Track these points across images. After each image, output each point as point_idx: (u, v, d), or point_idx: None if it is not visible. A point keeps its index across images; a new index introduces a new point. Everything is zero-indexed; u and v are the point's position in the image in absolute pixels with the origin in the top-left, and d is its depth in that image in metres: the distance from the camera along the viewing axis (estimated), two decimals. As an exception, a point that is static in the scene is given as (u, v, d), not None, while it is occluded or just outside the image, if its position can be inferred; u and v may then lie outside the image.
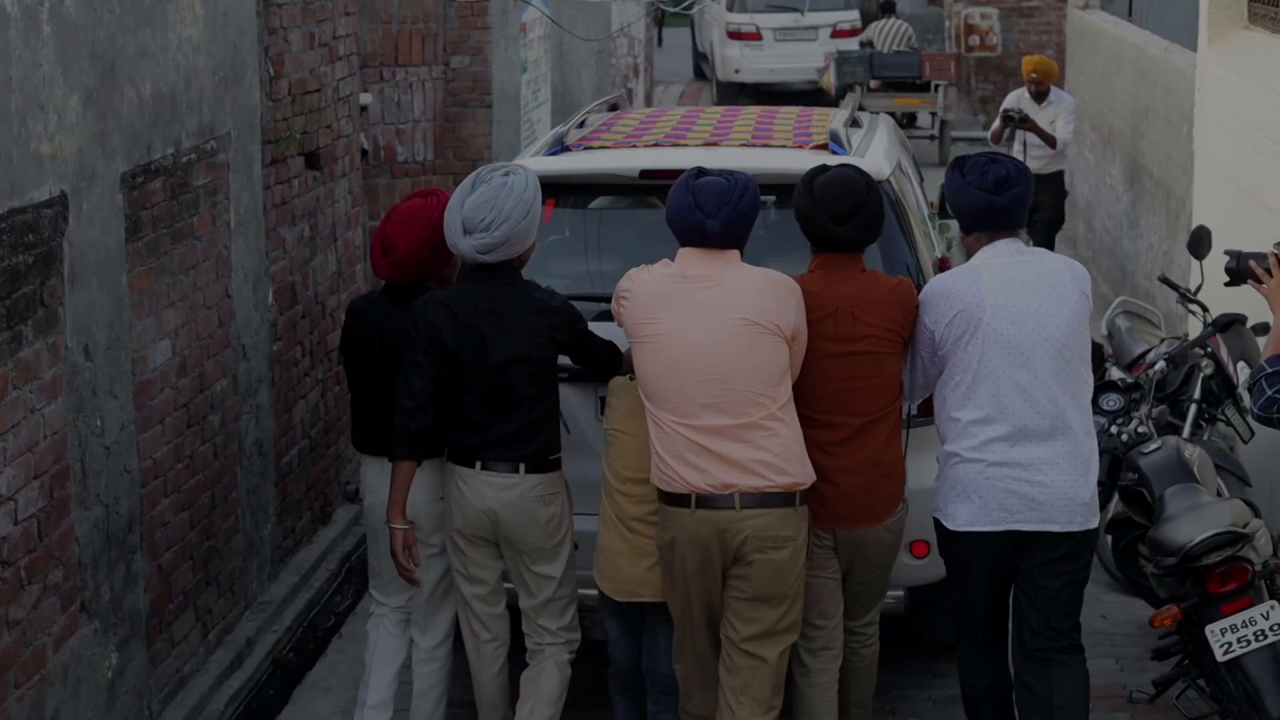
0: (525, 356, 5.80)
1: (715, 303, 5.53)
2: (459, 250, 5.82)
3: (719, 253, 5.60)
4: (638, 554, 5.82)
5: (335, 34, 8.66)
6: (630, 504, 5.81)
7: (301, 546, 8.29)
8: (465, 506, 5.91)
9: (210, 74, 6.99)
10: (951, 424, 5.64)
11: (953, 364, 5.60)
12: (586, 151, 7.06)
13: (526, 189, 5.81)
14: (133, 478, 6.29)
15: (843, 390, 5.64)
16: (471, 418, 5.85)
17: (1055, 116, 13.00)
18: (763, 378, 5.49)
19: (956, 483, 5.61)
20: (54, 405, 5.63)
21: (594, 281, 6.64)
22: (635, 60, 21.50)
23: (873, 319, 5.64)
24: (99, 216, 5.95)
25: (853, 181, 5.71)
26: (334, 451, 8.80)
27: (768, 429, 5.49)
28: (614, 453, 5.86)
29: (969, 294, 5.58)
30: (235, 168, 7.29)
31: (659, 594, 5.80)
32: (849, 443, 5.64)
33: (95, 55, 5.90)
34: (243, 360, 7.42)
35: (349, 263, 9.03)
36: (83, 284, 5.84)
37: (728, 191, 5.58)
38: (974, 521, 5.58)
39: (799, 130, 7.43)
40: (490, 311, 5.79)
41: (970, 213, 5.69)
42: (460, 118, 12.52)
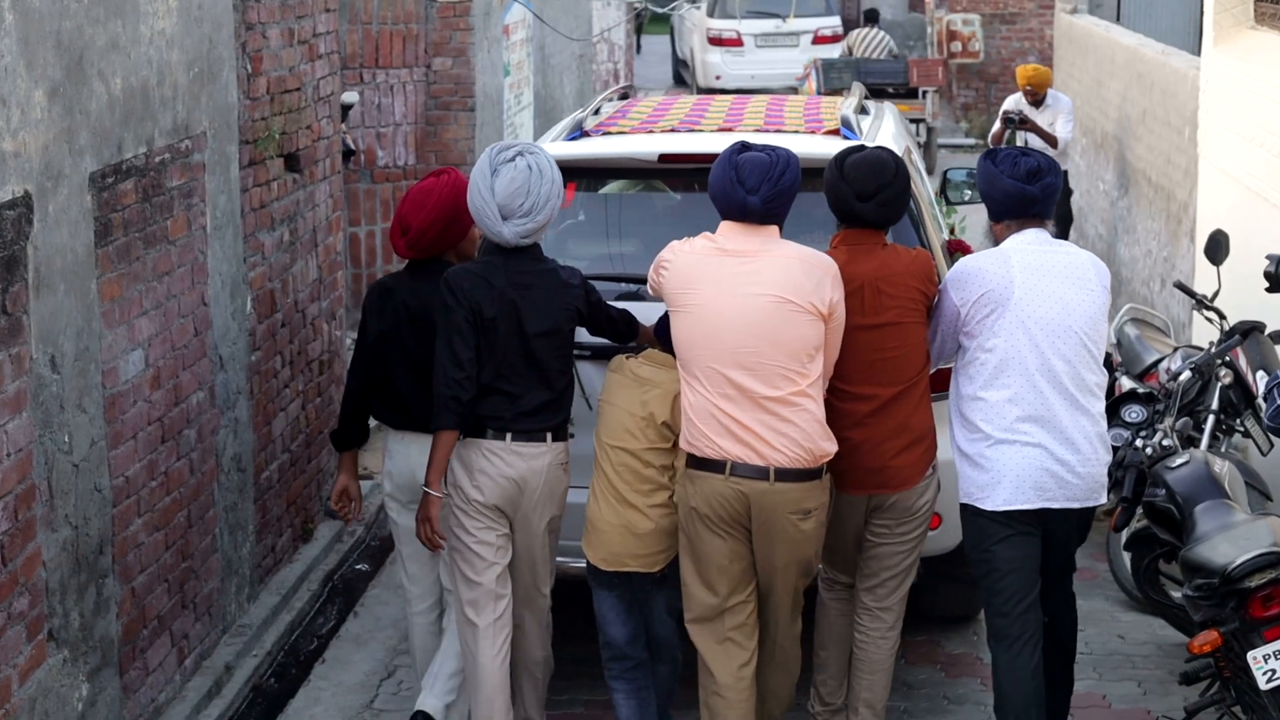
0: (556, 328, 5.91)
1: (751, 278, 5.65)
2: (501, 237, 5.85)
3: (759, 228, 5.72)
4: (626, 525, 5.89)
5: (315, 31, 8.31)
6: (617, 475, 5.90)
7: (282, 565, 7.93)
8: (494, 478, 5.87)
9: (185, 69, 6.63)
10: (977, 404, 5.73)
11: (978, 343, 5.72)
12: (605, 137, 7.18)
13: (553, 169, 5.90)
14: (104, 497, 5.93)
15: (872, 362, 5.80)
16: (503, 388, 5.88)
17: (1054, 118, 12.82)
18: (793, 354, 5.62)
19: (990, 464, 5.69)
20: (18, 420, 5.27)
21: (613, 263, 6.83)
22: (616, 66, 21.17)
23: (896, 291, 5.82)
24: (66, 219, 5.59)
25: (882, 162, 5.87)
26: (315, 466, 8.44)
27: (796, 404, 5.62)
28: (602, 424, 5.98)
29: (998, 275, 5.71)
30: (211, 169, 6.93)
31: (647, 564, 5.91)
32: (880, 412, 5.82)
33: (62, 46, 5.55)
34: (220, 371, 7.06)
35: (330, 269, 8.67)
36: (49, 291, 5.48)
37: (769, 167, 5.68)
38: (1011, 501, 5.68)
39: (809, 116, 7.55)
40: (520, 285, 5.88)
41: (1002, 201, 5.82)
42: (442, 121, 12.19)
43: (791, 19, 23.62)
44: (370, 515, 8.87)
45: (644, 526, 5.90)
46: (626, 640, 6.09)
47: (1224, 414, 7.54)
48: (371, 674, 7.09)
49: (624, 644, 6.09)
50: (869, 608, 6.03)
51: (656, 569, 5.97)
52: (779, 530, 5.67)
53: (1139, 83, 12.50)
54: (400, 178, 11.98)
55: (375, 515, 8.91)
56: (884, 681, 6.07)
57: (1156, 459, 6.48)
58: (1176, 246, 11.00)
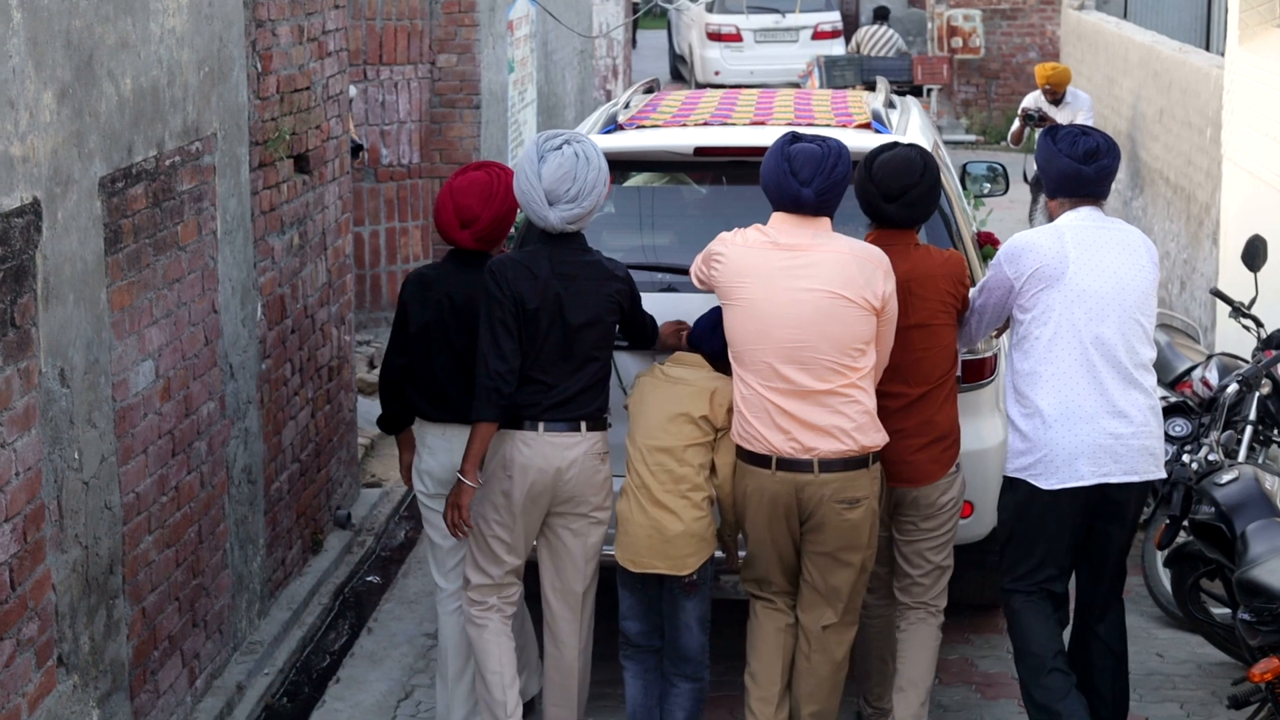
0: (597, 319, 5.90)
1: (804, 273, 5.66)
2: (547, 222, 5.87)
3: (811, 220, 5.72)
4: (656, 527, 5.84)
5: (325, 28, 8.07)
6: (651, 475, 5.85)
7: (292, 579, 7.70)
8: (529, 469, 5.87)
9: (195, 69, 6.39)
10: (1031, 379, 5.75)
11: (1032, 316, 5.76)
12: (639, 130, 7.17)
13: (599, 157, 5.93)
14: (114, 515, 5.69)
15: (901, 362, 5.84)
16: (540, 378, 5.88)
17: (1074, 115, 12.61)
18: (844, 348, 5.64)
19: (1045, 441, 5.71)
20: (27, 438, 5.04)
21: (645, 254, 6.86)
22: (614, 61, 20.92)
23: (926, 293, 5.88)
24: (75, 226, 5.36)
25: (910, 162, 5.90)
26: (324, 475, 8.21)
27: (847, 396, 5.66)
28: (636, 425, 5.95)
29: (1052, 250, 5.76)
30: (222, 171, 6.69)
31: (675, 566, 5.86)
32: (906, 410, 5.88)
33: (71, 46, 5.31)
34: (230, 380, 6.82)
35: (339, 272, 8.44)
36: (58, 301, 5.24)
37: (822, 159, 5.70)
38: (1067, 479, 5.70)
39: (838, 110, 7.55)
40: (564, 275, 5.89)
41: (1059, 179, 5.88)
42: (447, 119, 11.95)
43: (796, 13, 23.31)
44: (380, 525, 8.64)
45: (674, 528, 5.84)
46: (640, 633, 6.12)
47: (1261, 425, 7.32)
48: (389, 694, 6.85)
49: (639, 635, 6.12)
50: (911, 605, 6.07)
51: (685, 572, 5.89)
52: (827, 520, 5.70)
53: (1155, 81, 12.28)
54: (404, 176, 11.74)
55: (384, 525, 8.68)
56: (930, 660, 6.08)
57: (1203, 474, 6.27)
58: (1197, 249, 10.79)
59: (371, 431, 9.73)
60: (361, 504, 8.77)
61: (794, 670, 5.95)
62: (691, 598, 5.96)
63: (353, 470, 8.81)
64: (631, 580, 6.02)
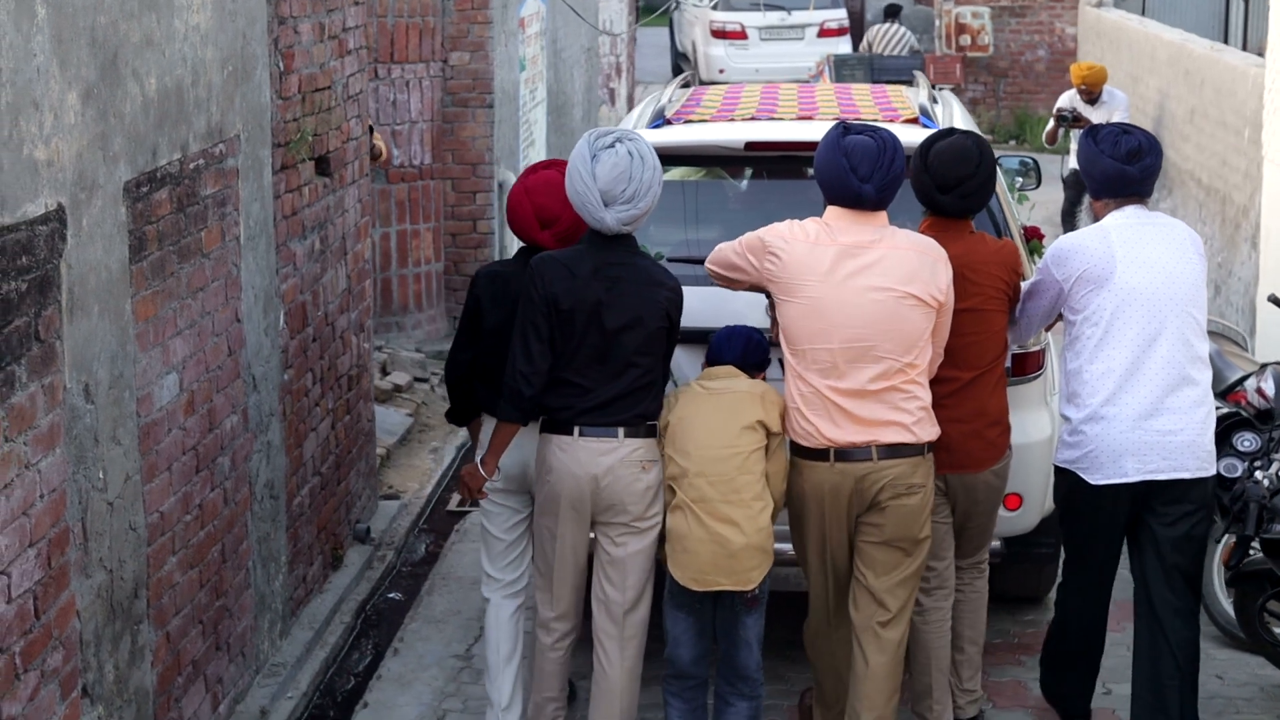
0: (638, 323, 5.75)
1: (871, 272, 5.63)
2: (603, 224, 5.73)
3: (870, 215, 5.70)
4: (717, 541, 5.64)
5: (345, 25, 7.80)
6: (710, 487, 5.67)
7: (313, 596, 7.42)
8: (565, 475, 5.78)
9: (219, 68, 6.12)
10: (1081, 377, 5.79)
11: (1083, 317, 5.79)
12: (687, 125, 7.18)
13: (653, 156, 5.80)
14: (138, 536, 5.42)
15: (953, 347, 5.84)
16: (575, 380, 5.77)
17: (1110, 115, 12.37)
18: (907, 346, 5.64)
19: (1092, 438, 5.75)
20: (52, 458, 4.76)
21: (689, 248, 6.78)
22: (618, 59, 20.66)
23: (980, 279, 5.88)
24: (100, 233, 5.08)
25: (967, 152, 5.90)
26: (344, 488, 7.93)
27: (907, 392, 5.66)
28: (687, 439, 5.73)
29: (1099, 252, 5.78)
30: (245, 174, 6.42)
31: (740, 582, 5.67)
32: (958, 395, 5.89)
33: (96, 44, 5.03)
34: (253, 392, 6.55)
35: (359, 278, 8.16)
36: (82, 313, 4.97)
37: (879, 154, 5.66)
38: (1111, 475, 5.74)
39: (881, 104, 7.56)
40: (608, 276, 5.75)
41: (1102, 180, 5.88)
42: (459, 118, 11.69)
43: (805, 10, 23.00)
44: (399, 539, 8.37)
45: (738, 541, 5.64)
46: (692, 660, 5.89)
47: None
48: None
49: (689, 664, 5.89)
50: (960, 567, 6.16)
51: (750, 587, 5.69)
52: (885, 507, 5.69)
53: (1186, 80, 12.03)
54: (416, 178, 11.46)
55: (404, 539, 8.41)
56: (982, 617, 6.25)
57: (1276, 490, 6.01)
58: (1234, 252, 10.53)
59: (388, 441, 9.47)
60: (380, 517, 8.50)
61: (852, 678, 5.83)
62: (752, 613, 5.79)
63: (371, 482, 8.54)
64: (688, 601, 5.78)
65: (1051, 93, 21.71)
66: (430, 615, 7.49)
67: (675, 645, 5.85)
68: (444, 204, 11.70)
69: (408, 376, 10.56)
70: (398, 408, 10.08)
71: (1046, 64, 21.86)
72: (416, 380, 10.66)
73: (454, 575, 7.95)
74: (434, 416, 10.23)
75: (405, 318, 11.48)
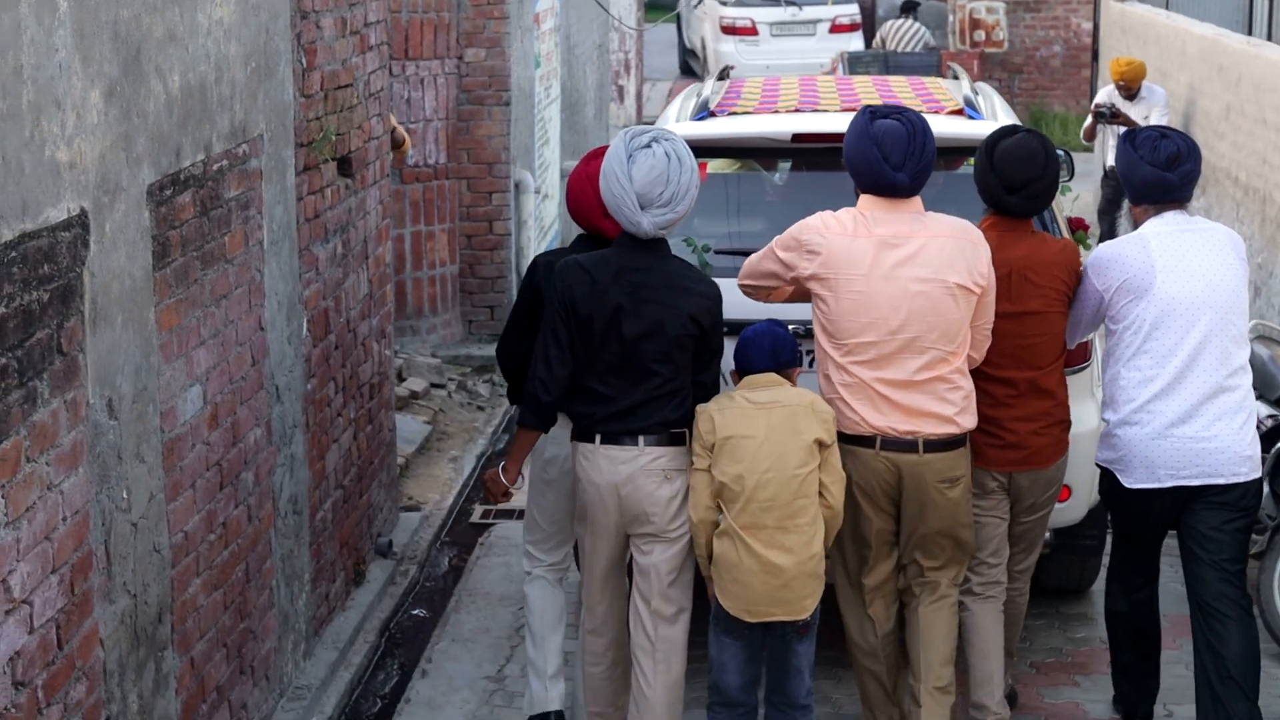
0: (659, 331, 5.56)
1: (911, 262, 5.59)
2: (639, 228, 5.55)
3: (905, 202, 5.67)
4: (769, 570, 5.42)
5: (366, 20, 7.52)
6: (763, 511, 5.43)
7: (335, 614, 7.14)
8: (588, 484, 5.65)
9: (242, 64, 5.84)
10: (1119, 382, 5.79)
11: (1124, 325, 5.77)
12: (732, 117, 7.18)
13: (690, 157, 5.62)
14: (163, 558, 5.14)
15: (1016, 347, 5.85)
16: (595, 388, 5.62)
17: (1149, 111, 12.13)
18: (950, 335, 5.61)
19: (1125, 442, 5.77)
20: (75, 477, 4.49)
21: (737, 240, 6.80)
22: (627, 56, 20.39)
23: (1042, 280, 5.86)
24: (124, 239, 4.80)
25: (1034, 153, 5.84)
26: (366, 500, 7.65)
27: (951, 382, 5.65)
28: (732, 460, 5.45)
29: (1138, 260, 5.73)
30: (268, 176, 6.14)
31: (794, 611, 5.45)
32: (1022, 395, 5.88)
33: (119, 39, 4.75)
34: (276, 404, 6.27)
35: (380, 282, 7.88)
36: (106, 324, 4.69)
37: (910, 140, 5.60)
38: (1146, 479, 5.75)
39: (922, 95, 7.58)
40: (631, 282, 5.58)
41: (1141, 186, 5.83)
42: (475, 116, 11.40)
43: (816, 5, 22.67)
44: (422, 553, 8.09)
45: (791, 570, 5.43)
46: (740, 687, 5.64)
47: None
48: (454, 745, 6.32)
49: (737, 691, 5.64)
50: (1008, 573, 6.09)
51: (804, 616, 5.44)
52: (928, 499, 5.68)
53: (1220, 76, 11.75)
54: (430, 177, 11.18)
55: (426, 553, 8.13)
56: (1018, 629, 6.22)
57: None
58: (1275, 252, 10.25)
59: (406, 450, 9.19)
60: (402, 530, 8.22)
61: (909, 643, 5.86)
62: (804, 640, 5.57)
63: (393, 494, 8.26)
64: (736, 628, 5.53)
65: (1067, 89, 21.47)
66: (458, 634, 7.21)
67: (722, 671, 5.61)
68: (459, 204, 11.42)
69: (424, 383, 10.28)
70: (415, 415, 9.80)
71: (1062, 60, 21.58)
72: (433, 386, 10.38)
73: (481, 591, 7.67)
74: (452, 424, 9.96)
75: (420, 321, 11.20)
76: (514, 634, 7.16)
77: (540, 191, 12.44)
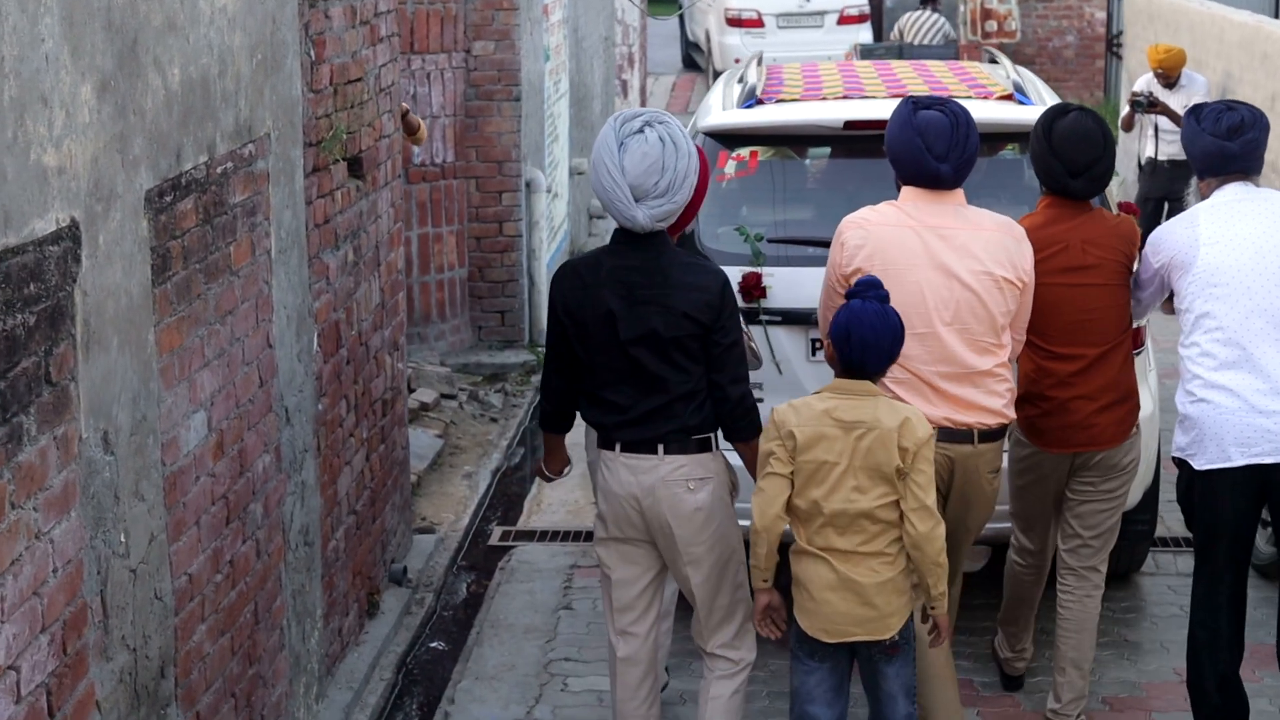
0: (652, 336, 5.15)
1: (958, 255, 5.51)
2: (634, 221, 5.13)
3: (947, 194, 5.58)
4: (849, 586, 4.97)
5: (377, 9, 7.00)
6: (839, 535, 4.98)
7: (349, 650, 6.63)
8: (609, 494, 5.31)
9: (248, 56, 5.32)
10: (1185, 364, 5.60)
11: (1179, 303, 5.65)
12: (780, 104, 7.11)
13: (687, 141, 5.20)
14: (165, 605, 4.63)
15: (1078, 322, 5.81)
16: (607, 397, 5.26)
17: (1188, 100, 11.63)
18: (996, 328, 5.55)
19: (1196, 422, 5.53)
20: (66, 523, 3.97)
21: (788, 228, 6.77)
22: (630, 50, 19.86)
23: (1102, 251, 5.82)
24: (119, 252, 4.28)
25: (1091, 134, 5.78)
26: (379, 525, 7.14)
27: (998, 375, 5.58)
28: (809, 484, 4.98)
29: (1183, 238, 5.62)
30: (275, 178, 5.62)
31: (877, 630, 5.00)
32: (1086, 372, 5.82)
33: (112, 28, 4.24)
34: (286, 427, 5.75)
35: (391, 290, 7.36)
36: (100, 348, 4.17)
37: (953, 130, 5.51)
38: (1215, 460, 5.50)
39: (967, 81, 7.49)
40: (624, 282, 5.18)
41: (1202, 158, 5.70)
42: (483, 112, 10.87)
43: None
44: (438, 579, 7.57)
45: (872, 585, 4.97)
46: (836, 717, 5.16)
47: None
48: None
49: None
50: (1073, 568, 6.01)
51: (888, 635, 5.00)
52: (976, 490, 5.65)
53: (1264, 64, 11.26)
54: (438, 177, 10.65)
55: (443, 579, 7.61)
56: (1090, 641, 6.01)
57: None
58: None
59: (418, 466, 8.68)
60: (416, 554, 7.70)
61: None
62: (894, 662, 5.06)
63: (406, 516, 7.74)
64: (818, 650, 5.07)
65: (1080, 80, 20.98)
66: (481, 671, 6.69)
67: (807, 702, 5.10)
68: (468, 205, 10.90)
69: (434, 393, 9.75)
70: (426, 428, 9.28)
71: (1076, 50, 21.11)
72: (444, 397, 9.85)
73: (504, 623, 7.14)
74: (465, 437, 9.45)
75: (428, 328, 10.67)
76: (542, 670, 6.64)
77: (551, 190, 11.92)
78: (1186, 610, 6.93)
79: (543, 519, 8.37)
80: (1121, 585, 7.31)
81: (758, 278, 6.58)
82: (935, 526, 4.95)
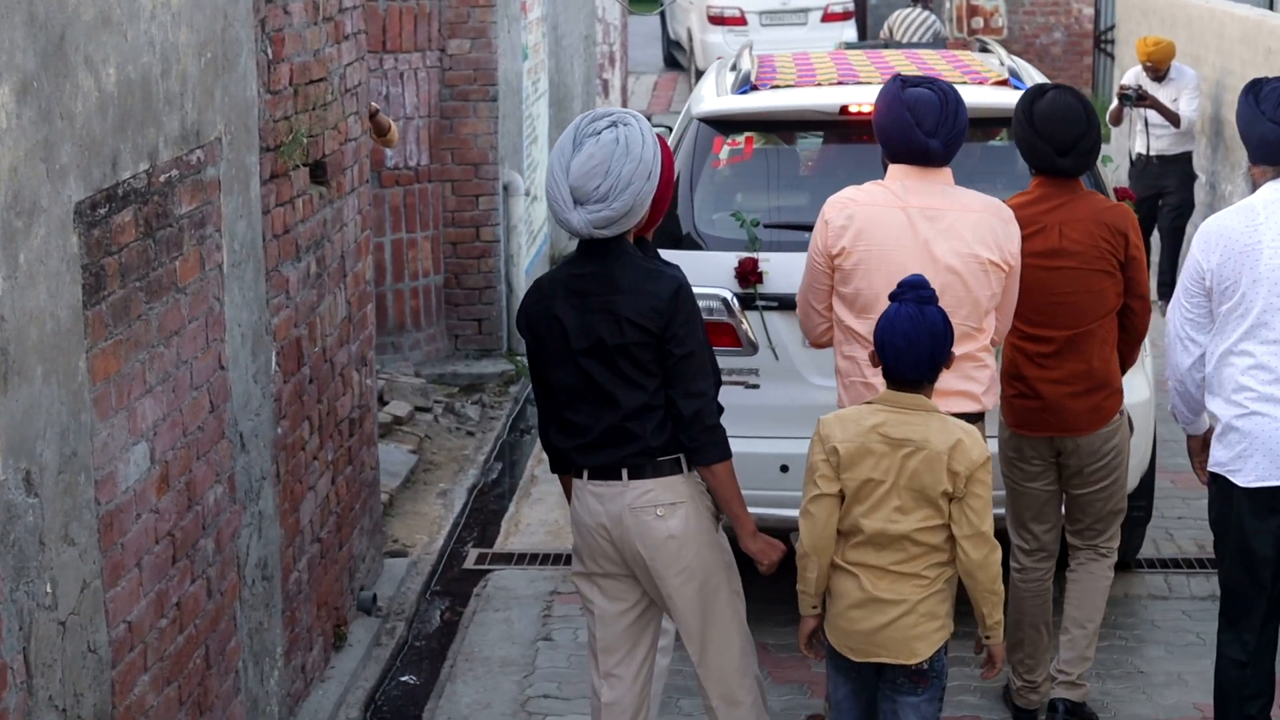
0: (599, 347, 4.82)
1: (944, 236, 5.39)
2: (569, 225, 4.81)
3: (935, 173, 5.46)
4: (875, 602, 4.67)
5: (341, 5, 6.58)
6: (876, 554, 4.68)
7: (313, 688, 6.21)
8: (580, 525, 4.99)
9: (195, 54, 4.90)
10: (1229, 368, 5.24)
11: (1231, 304, 5.25)
12: (775, 90, 7.08)
13: (645, 145, 4.80)
14: (100, 659, 4.21)
15: (1049, 304, 5.72)
16: (570, 418, 4.92)
17: (1178, 94, 11.34)
18: (979, 312, 5.42)
19: (1241, 435, 5.20)
20: (-19, 577, 3.56)
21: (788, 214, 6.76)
22: (611, 48, 19.46)
23: (1079, 236, 5.73)
24: (44, 271, 3.87)
25: (1073, 110, 5.72)
26: (346, 552, 6.72)
27: (979, 360, 5.45)
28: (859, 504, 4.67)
29: (1245, 233, 5.24)
30: (228, 186, 5.21)
31: (902, 654, 4.67)
32: (1056, 355, 5.76)
33: (35, 23, 3.83)
34: (240, 454, 5.34)
35: (359, 303, 6.94)
36: (21, 379, 3.76)
37: (942, 107, 5.40)
38: (1265, 477, 5.18)
39: (960, 68, 7.46)
40: (575, 292, 4.87)
41: (1259, 144, 5.34)
42: (459, 113, 10.46)
43: None
44: (410, 606, 7.15)
45: (899, 606, 4.66)
46: None
47: None
48: None
49: None
50: (1081, 547, 5.99)
51: (914, 661, 4.66)
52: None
53: (1268, 60, 10.90)
54: (412, 180, 10.24)
55: (415, 606, 7.20)
56: (1096, 604, 5.96)
57: None
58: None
59: (390, 484, 8.26)
60: (387, 580, 7.28)
61: None
62: (917, 692, 4.69)
63: (376, 540, 7.32)
64: (846, 667, 4.80)
65: (1068, 77, 20.59)
66: (455, 710, 6.26)
67: (839, 713, 4.87)
68: (443, 209, 10.48)
69: (408, 406, 9.33)
70: (399, 444, 8.86)
71: (1063, 47, 20.74)
72: (418, 410, 9.43)
73: (479, 655, 6.72)
74: (440, 452, 9.03)
75: (402, 337, 10.26)
76: (520, 709, 6.23)
77: (530, 194, 11.52)
78: (1204, 638, 6.58)
79: (521, 540, 7.96)
80: (1130, 612, 6.92)
81: (754, 263, 6.56)
82: (990, 554, 4.62)
